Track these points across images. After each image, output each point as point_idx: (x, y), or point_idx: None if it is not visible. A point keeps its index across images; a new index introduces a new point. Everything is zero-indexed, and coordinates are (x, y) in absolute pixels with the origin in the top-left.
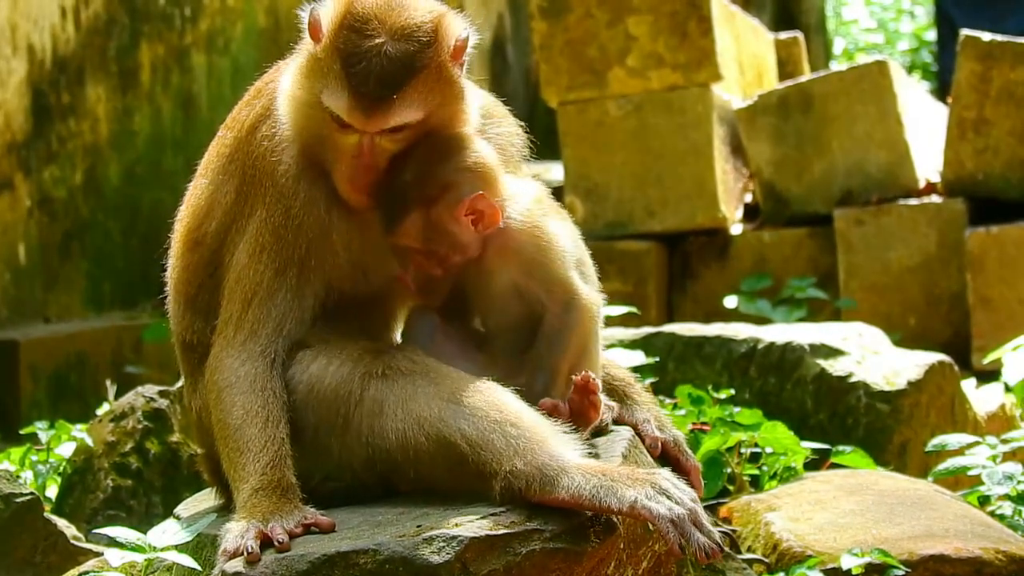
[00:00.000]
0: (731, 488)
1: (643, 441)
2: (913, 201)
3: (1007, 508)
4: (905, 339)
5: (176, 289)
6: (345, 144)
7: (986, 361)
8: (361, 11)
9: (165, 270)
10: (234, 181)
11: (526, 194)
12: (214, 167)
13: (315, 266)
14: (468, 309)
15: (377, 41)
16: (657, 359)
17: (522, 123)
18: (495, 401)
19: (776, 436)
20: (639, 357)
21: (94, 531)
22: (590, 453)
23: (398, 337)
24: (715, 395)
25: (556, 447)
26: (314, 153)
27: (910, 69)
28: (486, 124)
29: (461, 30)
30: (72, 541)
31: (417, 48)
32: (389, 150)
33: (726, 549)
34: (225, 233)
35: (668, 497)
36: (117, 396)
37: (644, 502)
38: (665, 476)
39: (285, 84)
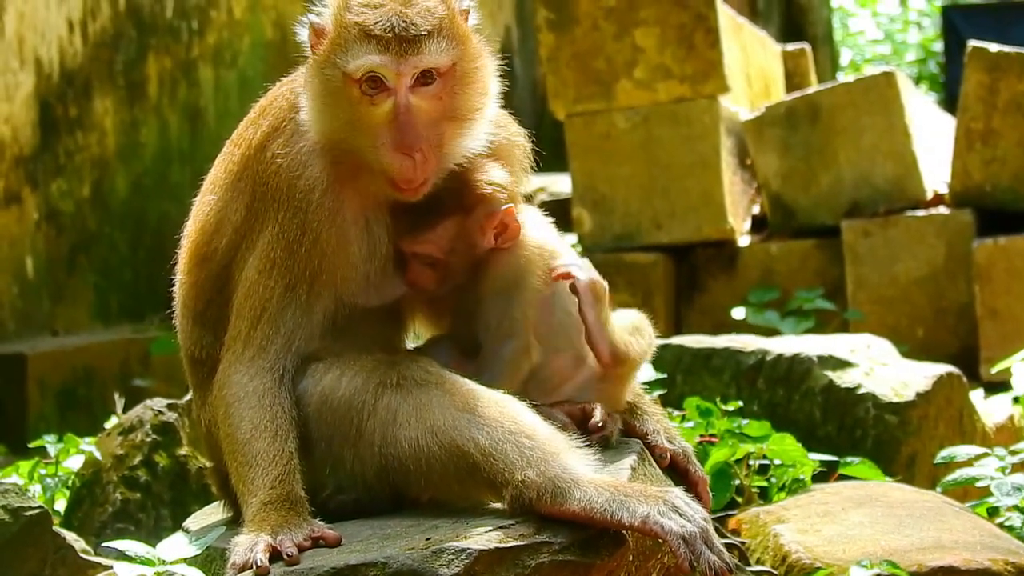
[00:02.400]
0: (740, 500)
1: (652, 452)
2: (920, 212)
3: (1016, 519)
4: (913, 350)
5: (184, 304)
6: (380, 115)
7: (994, 372)
8: None
9: (173, 284)
10: (244, 199)
11: (534, 216)
12: (222, 184)
13: (326, 280)
14: (480, 340)
15: (389, 5)
16: (665, 375)
17: (529, 135)
18: (510, 413)
19: (784, 448)
20: (648, 371)
21: (103, 544)
22: (600, 466)
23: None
24: (723, 407)
25: (569, 460)
26: (348, 148)
27: (917, 80)
28: (493, 131)
29: (463, 3)
30: (81, 555)
31: (430, 3)
32: (424, 111)
33: (735, 566)
34: (235, 250)
35: (680, 514)
36: (125, 409)
37: (656, 518)
38: (677, 494)
39: (303, 95)
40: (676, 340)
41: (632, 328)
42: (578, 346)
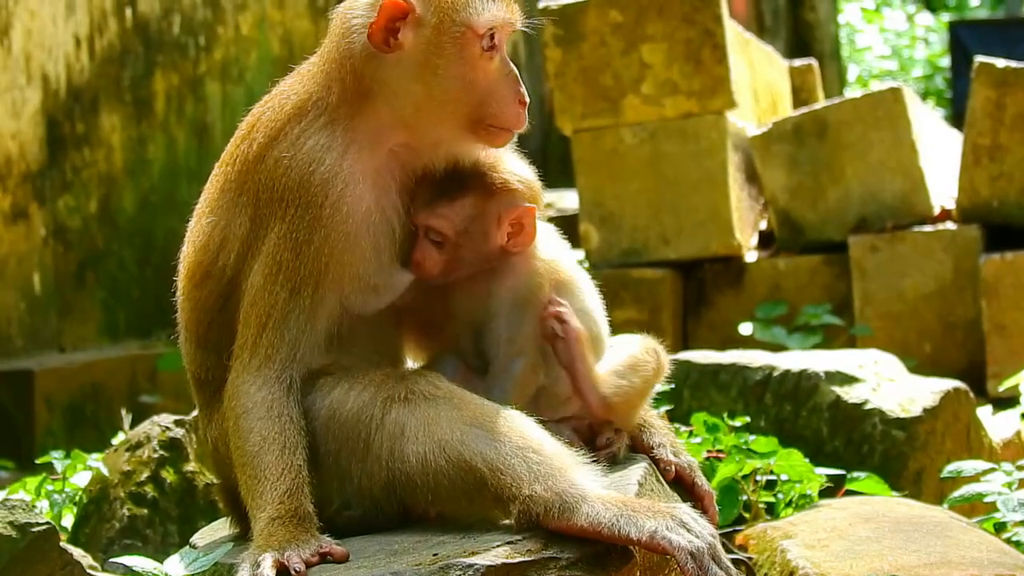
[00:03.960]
0: (747, 516)
1: (658, 466)
2: (928, 228)
3: (1023, 535)
4: (920, 366)
5: (187, 328)
6: (492, 71)
7: (1002, 388)
8: None
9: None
10: (247, 211)
11: (548, 232)
12: (219, 203)
13: (333, 280)
14: (491, 356)
15: None
16: (672, 386)
17: (536, 150)
18: (518, 428)
19: (791, 463)
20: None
21: (110, 560)
22: (608, 481)
23: (412, 364)
24: (730, 423)
25: (577, 476)
26: (447, 114)
27: (924, 96)
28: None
29: None
30: (88, 570)
31: None
32: None
33: None
34: (242, 262)
35: (688, 529)
36: (132, 425)
37: (664, 533)
38: (685, 509)
39: (391, 73)
40: (683, 355)
41: (627, 367)
42: None
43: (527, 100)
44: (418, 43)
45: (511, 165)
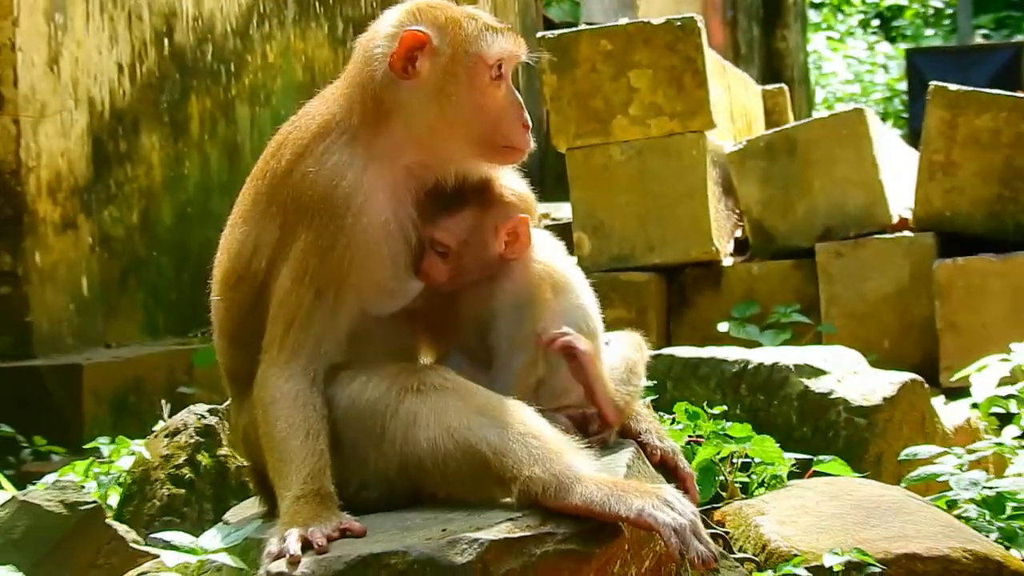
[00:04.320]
0: (724, 494)
1: (644, 450)
2: (887, 236)
3: (972, 511)
4: (880, 360)
5: (220, 326)
6: (500, 97)
7: (953, 380)
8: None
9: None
10: (277, 221)
11: (545, 237)
12: (251, 214)
13: (353, 284)
14: (493, 353)
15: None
16: (656, 382)
17: (534, 167)
18: (519, 416)
19: (764, 448)
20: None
21: (151, 535)
22: (599, 464)
23: (424, 360)
24: (709, 411)
25: (572, 459)
26: (457, 137)
27: (884, 117)
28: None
29: None
30: (132, 545)
31: None
32: None
33: (720, 554)
34: (271, 267)
35: (671, 508)
36: (171, 414)
37: (650, 511)
38: (669, 490)
39: (410, 98)
40: (667, 351)
41: (627, 372)
42: None
43: (530, 124)
44: (434, 71)
45: (506, 181)
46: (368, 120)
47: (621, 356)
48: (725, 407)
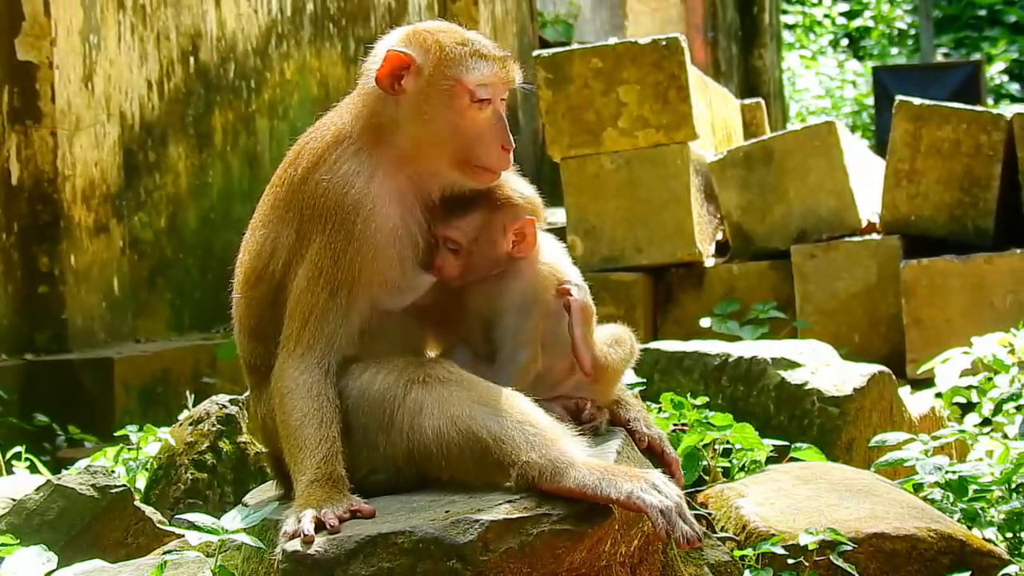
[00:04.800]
0: (707, 478)
1: (632, 436)
2: (857, 239)
3: (937, 494)
4: (851, 353)
5: (241, 322)
6: (482, 120)
7: (919, 372)
8: (449, 27)
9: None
10: (293, 225)
11: (549, 240)
12: (270, 218)
13: (365, 284)
14: (496, 347)
15: (476, 34)
16: (644, 377)
17: (531, 175)
18: (518, 405)
19: (744, 435)
20: (630, 375)
21: (176, 517)
22: (591, 450)
23: (430, 353)
24: (693, 401)
25: (567, 445)
26: (439, 153)
27: (853, 129)
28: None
29: None
30: (158, 525)
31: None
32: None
33: (704, 534)
34: (288, 267)
35: (658, 491)
36: (195, 404)
37: (639, 494)
38: (656, 474)
39: (397, 111)
40: (654, 345)
41: (612, 340)
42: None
43: (512, 146)
44: (417, 90)
45: (515, 184)
46: (369, 132)
47: (611, 331)
48: (708, 397)
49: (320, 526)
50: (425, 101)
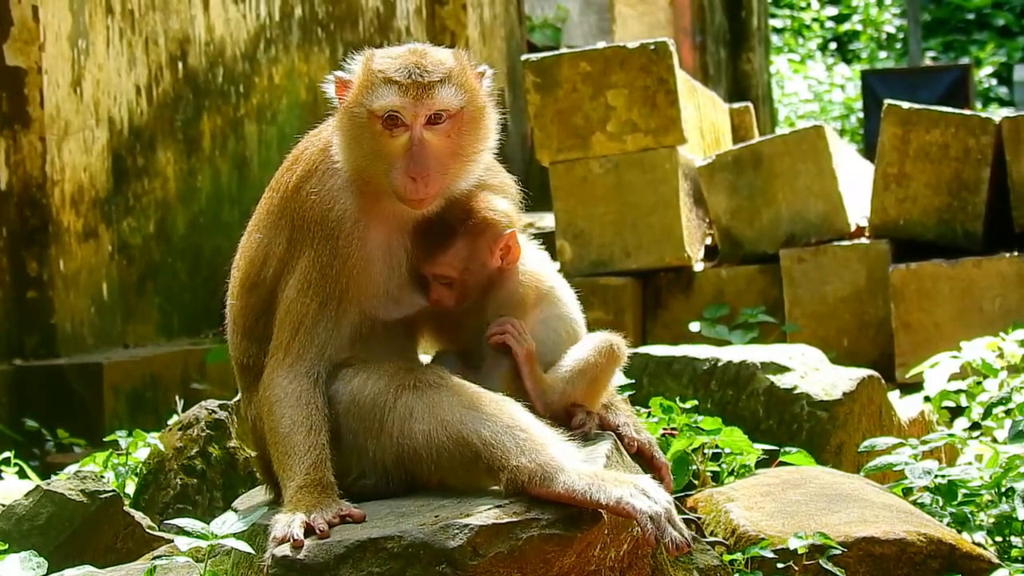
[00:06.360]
0: (696, 483)
1: (622, 441)
2: (846, 243)
3: (926, 498)
4: (840, 357)
5: (235, 323)
6: (397, 146)
7: (908, 376)
8: (387, 51)
9: (224, 306)
10: (285, 233)
11: (530, 247)
12: (265, 224)
13: (353, 297)
14: (483, 354)
15: (410, 56)
16: (634, 380)
17: (520, 179)
18: (508, 411)
19: (733, 439)
20: (619, 377)
21: (166, 522)
22: (581, 455)
23: (424, 358)
24: (682, 405)
25: (556, 450)
26: (370, 177)
27: (841, 133)
28: (487, 173)
29: (479, 67)
30: (147, 530)
31: (446, 54)
32: (434, 144)
33: (693, 539)
34: (279, 277)
35: (648, 496)
36: (184, 409)
37: (628, 499)
38: (645, 479)
39: (334, 136)
40: (643, 349)
41: (577, 373)
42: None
43: (419, 176)
44: (341, 114)
45: (486, 202)
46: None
47: (578, 359)
48: (697, 402)
49: (309, 531)
50: (345, 125)
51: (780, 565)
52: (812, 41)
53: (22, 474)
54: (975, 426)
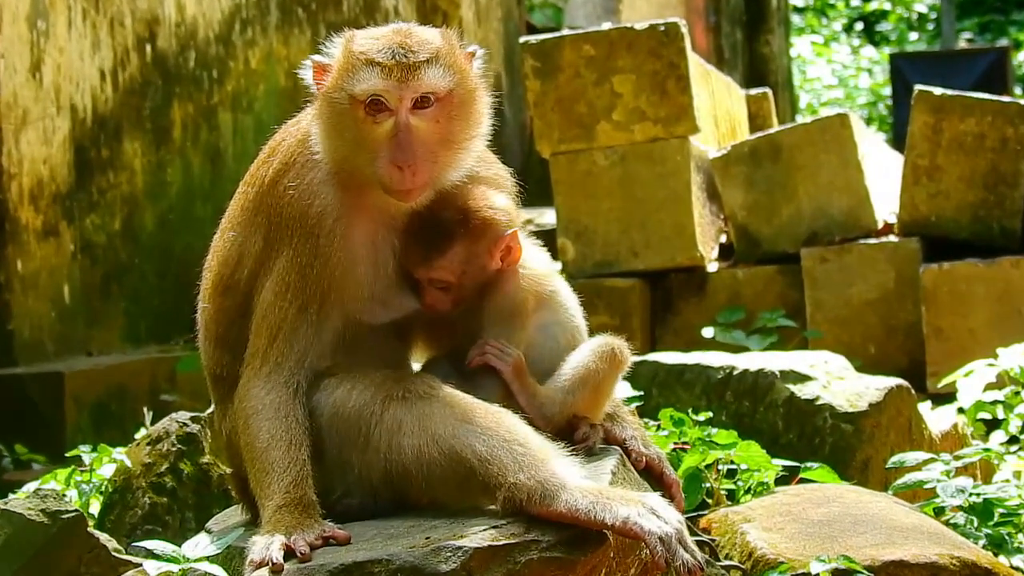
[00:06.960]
0: (710, 501)
1: (629, 456)
2: (872, 241)
3: (960, 518)
4: (866, 366)
5: (207, 328)
6: (381, 133)
7: (940, 385)
8: (369, 32)
9: (196, 311)
10: (261, 231)
11: (529, 245)
12: (240, 220)
13: (335, 300)
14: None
15: (394, 36)
16: (641, 390)
17: (517, 172)
18: (505, 423)
19: (750, 454)
20: (626, 387)
21: (133, 544)
22: (584, 471)
23: (415, 366)
24: (695, 417)
25: (558, 466)
26: (353, 168)
27: (868, 121)
28: (480, 165)
29: (469, 46)
30: (113, 553)
31: (432, 33)
32: (421, 130)
33: (706, 562)
34: (255, 278)
35: (657, 516)
36: (153, 422)
37: (636, 519)
38: (654, 498)
39: (313, 125)
40: (652, 357)
41: (577, 382)
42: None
43: (406, 164)
44: (320, 99)
45: (484, 199)
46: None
47: (579, 366)
48: (710, 413)
49: (290, 554)
50: (325, 113)
51: None
52: (836, 22)
53: None
54: (1013, 440)
